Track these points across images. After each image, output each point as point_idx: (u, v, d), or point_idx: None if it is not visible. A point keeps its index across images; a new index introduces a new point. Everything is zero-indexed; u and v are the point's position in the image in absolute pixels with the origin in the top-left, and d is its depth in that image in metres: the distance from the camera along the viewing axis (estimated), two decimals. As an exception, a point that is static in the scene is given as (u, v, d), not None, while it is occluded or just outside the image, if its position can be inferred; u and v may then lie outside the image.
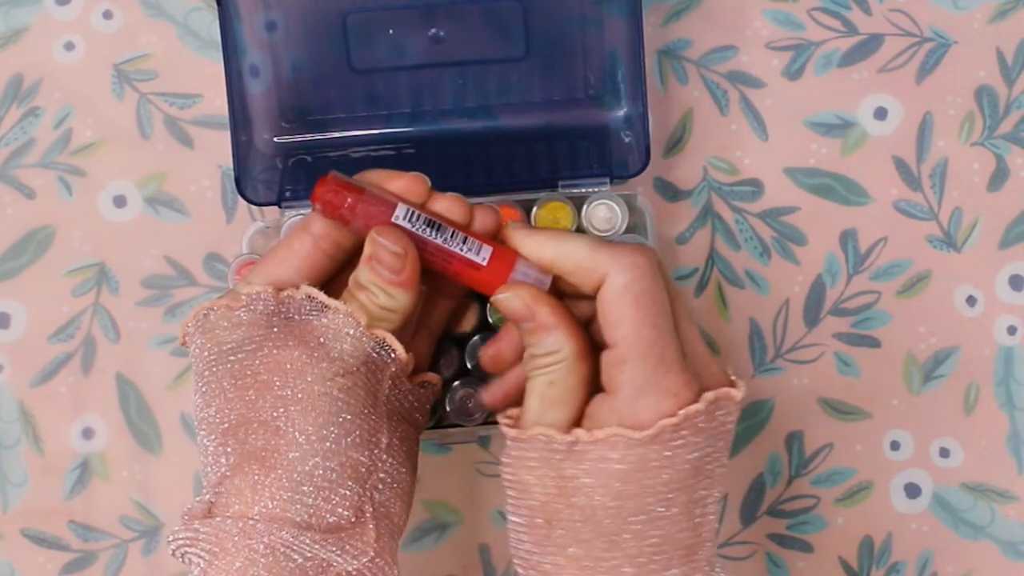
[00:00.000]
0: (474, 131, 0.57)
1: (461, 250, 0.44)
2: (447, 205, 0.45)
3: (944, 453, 0.60)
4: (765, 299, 0.60)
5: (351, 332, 0.43)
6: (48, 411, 0.60)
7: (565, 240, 0.43)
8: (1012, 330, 0.60)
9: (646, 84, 0.55)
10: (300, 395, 0.42)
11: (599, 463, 0.40)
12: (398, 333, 0.44)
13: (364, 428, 0.43)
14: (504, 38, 0.56)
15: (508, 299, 0.43)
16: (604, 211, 0.54)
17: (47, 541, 0.59)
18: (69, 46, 0.61)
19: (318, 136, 0.57)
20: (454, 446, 0.60)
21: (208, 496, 0.43)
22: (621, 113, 0.57)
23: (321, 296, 0.43)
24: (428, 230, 0.44)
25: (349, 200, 0.44)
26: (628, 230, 0.54)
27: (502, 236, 0.45)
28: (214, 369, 0.43)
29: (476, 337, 0.54)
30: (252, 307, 0.44)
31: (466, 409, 0.53)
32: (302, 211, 0.55)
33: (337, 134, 0.57)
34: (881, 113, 0.61)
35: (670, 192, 0.61)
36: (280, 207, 0.55)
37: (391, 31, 0.56)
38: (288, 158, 0.57)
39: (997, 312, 0.60)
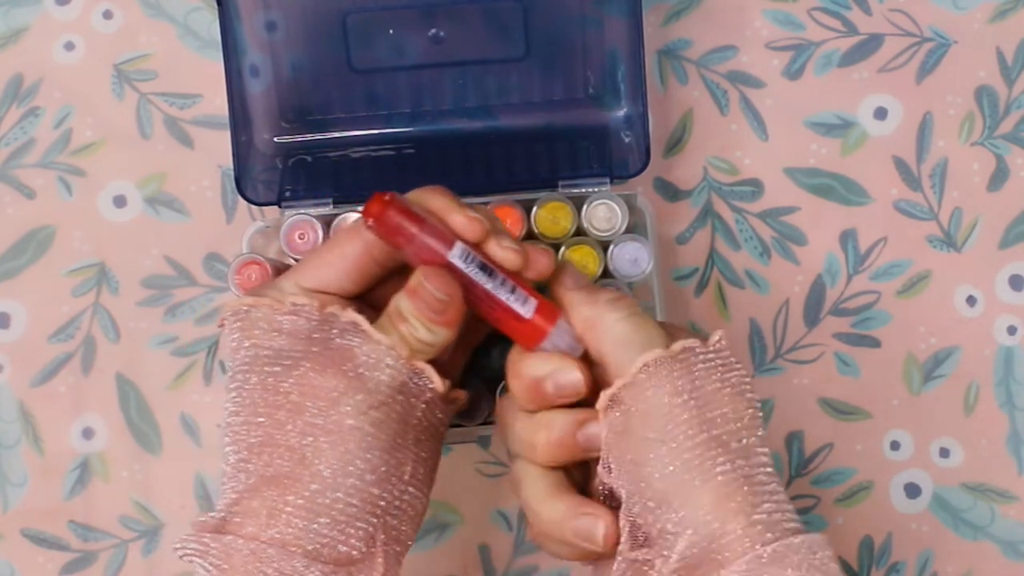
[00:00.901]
0: (474, 131, 0.57)
1: (508, 300, 0.44)
2: (505, 256, 0.44)
3: (944, 453, 0.60)
4: (765, 299, 0.60)
5: (391, 363, 0.42)
6: (48, 411, 0.60)
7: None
8: (1012, 330, 0.60)
9: (646, 84, 0.55)
10: (331, 427, 0.41)
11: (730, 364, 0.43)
12: (436, 360, 0.44)
13: (391, 463, 0.42)
14: (504, 38, 0.56)
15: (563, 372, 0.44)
16: (604, 211, 0.54)
17: (47, 541, 0.59)
18: (69, 46, 0.61)
19: (318, 136, 0.57)
20: (454, 446, 0.60)
21: (222, 510, 0.42)
22: (621, 113, 0.57)
23: (365, 325, 0.43)
24: (481, 275, 0.44)
25: (412, 230, 0.43)
26: (628, 230, 0.54)
27: (555, 289, 0.45)
28: (248, 375, 0.43)
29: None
30: (295, 317, 0.43)
31: (466, 409, 0.53)
32: (302, 211, 0.55)
33: (337, 134, 0.57)
34: (881, 113, 0.61)
35: (670, 192, 0.61)
36: (280, 207, 0.55)
37: (391, 31, 0.56)
38: (288, 158, 0.57)
39: (997, 312, 0.60)
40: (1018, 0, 0.61)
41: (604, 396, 0.43)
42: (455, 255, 0.43)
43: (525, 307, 0.44)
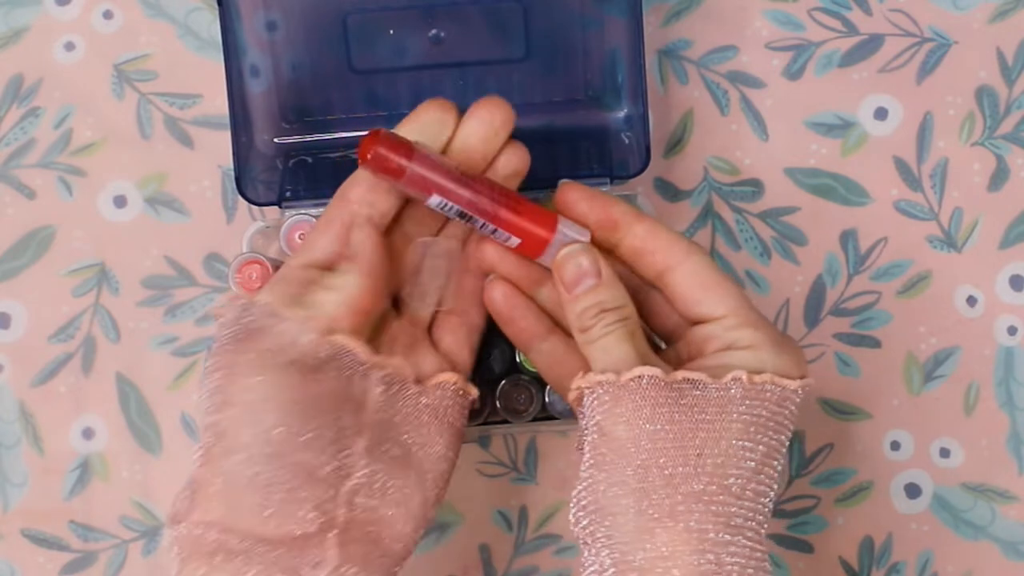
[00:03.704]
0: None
1: (493, 235, 0.45)
2: (477, 129, 0.45)
3: (944, 453, 0.60)
4: (765, 299, 0.60)
5: (308, 339, 0.43)
6: (48, 411, 0.60)
7: (649, 224, 0.45)
8: (1012, 330, 0.60)
9: (646, 84, 0.55)
10: (249, 397, 0.42)
11: (753, 407, 0.42)
12: (373, 335, 0.45)
13: (326, 431, 0.42)
14: (504, 39, 0.56)
15: (576, 253, 0.44)
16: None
17: (47, 541, 0.59)
18: (69, 46, 0.61)
19: (318, 137, 0.57)
20: (454, 446, 0.60)
21: (178, 501, 0.43)
22: (621, 114, 0.57)
23: (276, 306, 0.43)
24: (459, 220, 0.45)
25: (401, 163, 0.43)
26: (628, 230, 0.54)
27: (563, 205, 0.46)
28: (203, 372, 0.44)
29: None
30: (229, 311, 0.44)
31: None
32: (302, 211, 0.55)
33: (337, 135, 0.57)
34: (881, 113, 0.61)
35: (670, 192, 0.61)
36: (280, 207, 0.55)
37: (391, 32, 0.56)
38: (288, 159, 0.57)
39: (997, 312, 0.60)
40: (1018, 0, 0.61)
41: (583, 380, 0.43)
42: (432, 204, 0.44)
43: (510, 241, 0.45)
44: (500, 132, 0.45)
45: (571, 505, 0.43)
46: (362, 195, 0.45)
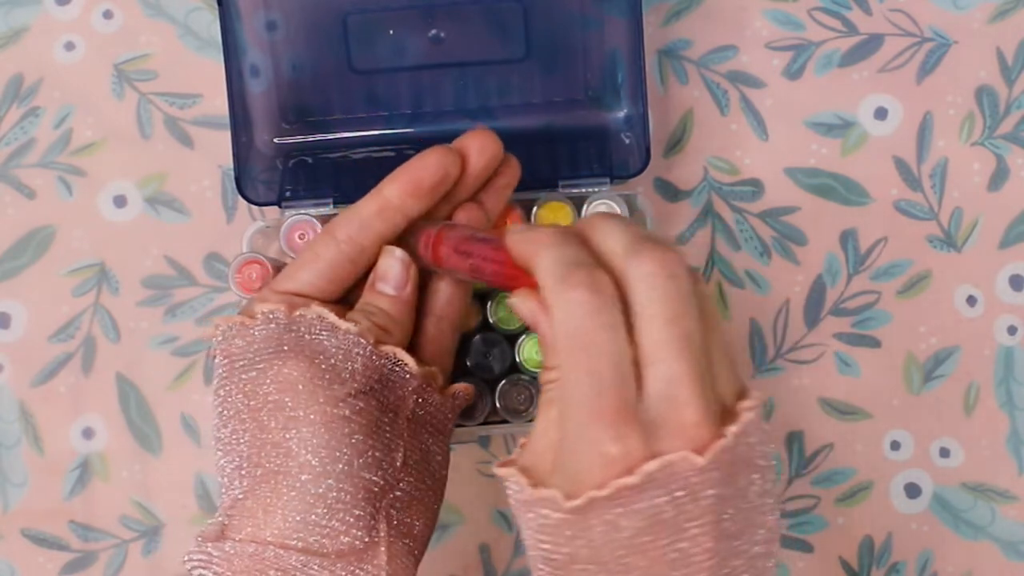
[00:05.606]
0: (474, 132, 0.57)
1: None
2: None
3: (944, 453, 0.60)
4: (765, 299, 0.60)
5: (361, 352, 0.43)
6: (48, 411, 0.60)
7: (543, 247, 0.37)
8: (1012, 330, 0.60)
9: (646, 84, 0.55)
10: (312, 416, 0.41)
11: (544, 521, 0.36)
12: (409, 345, 0.45)
13: (377, 448, 0.42)
14: (504, 39, 0.56)
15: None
16: (604, 211, 0.54)
17: (47, 541, 0.59)
18: (69, 46, 0.61)
19: (318, 137, 0.57)
20: (454, 446, 0.60)
21: (221, 517, 0.42)
22: (621, 114, 0.57)
23: (331, 317, 0.43)
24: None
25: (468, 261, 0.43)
26: (628, 230, 0.54)
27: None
28: (228, 387, 0.43)
29: (477, 337, 0.54)
30: (266, 325, 0.44)
31: (466, 409, 0.53)
32: (302, 211, 0.55)
33: (337, 135, 0.57)
34: (881, 113, 0.61)
35: (670, 192, 0.61)
36: (280, 207, 0.55)
37: (391, 32, 0.56)
38: (288, 159, 0.57)
39: (997, 312, 0.60)
40: (1018, 0, 0.61)
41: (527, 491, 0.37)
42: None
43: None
44: (491, 166, 0.47)
45: None
46: (348, 234, 0.45)
